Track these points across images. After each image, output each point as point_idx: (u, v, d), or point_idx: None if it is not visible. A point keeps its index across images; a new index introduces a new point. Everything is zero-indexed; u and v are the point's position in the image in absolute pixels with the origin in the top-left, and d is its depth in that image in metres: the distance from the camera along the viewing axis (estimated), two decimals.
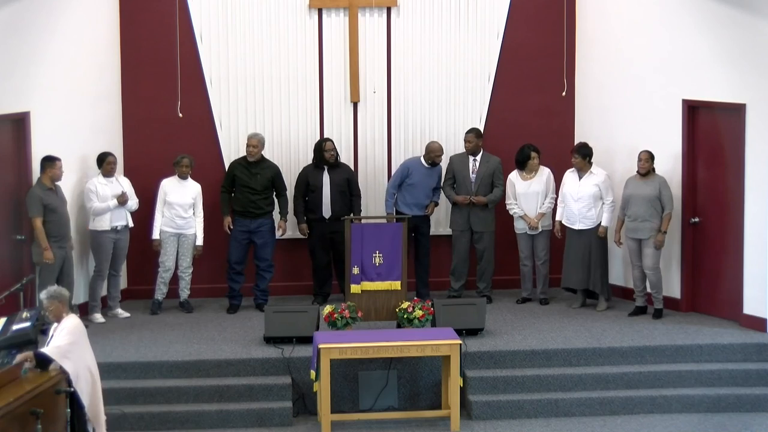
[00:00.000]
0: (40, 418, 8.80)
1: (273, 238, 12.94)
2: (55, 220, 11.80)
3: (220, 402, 10.90)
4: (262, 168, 12.82)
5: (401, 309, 11.63)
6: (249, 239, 12.83)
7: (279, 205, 12.97)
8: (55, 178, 11.85)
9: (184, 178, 12.76)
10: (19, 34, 11.66)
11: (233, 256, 12.84)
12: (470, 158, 13.02)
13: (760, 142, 11.68)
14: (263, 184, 12.77)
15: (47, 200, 11.74)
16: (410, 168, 13.05)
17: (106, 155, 12.47)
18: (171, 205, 12.65)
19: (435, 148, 13.01)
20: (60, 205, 11.90)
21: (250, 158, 12.79)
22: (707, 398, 10.99)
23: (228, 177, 12.87)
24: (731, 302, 12.16)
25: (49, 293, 9.42)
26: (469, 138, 13.00)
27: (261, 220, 12.80)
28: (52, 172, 11.80)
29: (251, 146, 12.77)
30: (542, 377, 11.11)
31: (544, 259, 13.07)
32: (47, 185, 11.80)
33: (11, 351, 9.84)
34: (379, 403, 11.13)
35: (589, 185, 12.62)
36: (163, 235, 12.68)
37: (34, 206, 11.71)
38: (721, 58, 11.96)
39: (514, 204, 13.00)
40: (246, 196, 12.75)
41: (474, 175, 12.97)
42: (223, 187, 12.89)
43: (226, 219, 12.82)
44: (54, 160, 11.82)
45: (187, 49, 13.11)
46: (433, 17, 13.47)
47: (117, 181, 12.55)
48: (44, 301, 9.42)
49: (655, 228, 12.26)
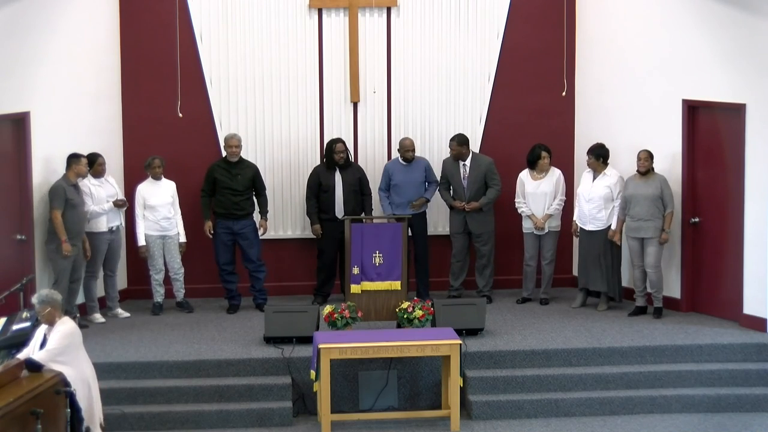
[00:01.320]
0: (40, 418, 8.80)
1: (257, 237, 12.92)
2: (73, 217, 11.85)
3: (220, 402, 10.90)
4: (242, 168, 12.81)
5: (401, 309, 11.63)
6: (234, 240, 12.83)
7: (259, 204, 12.94)
8: (81, 174, 12.00)
9: (158, 178, 12.76)
10: (19, 34, 11.66)
11: (221, 258, 12.83)
12: (460, 163, 13.01)
13: (760, 142, 11.68)
14: (244, 184, 12.76)
15: (70, 195, 11.83)
16: (390, 169, 13.09)
17: (97, 156, 12.45)
18: (153, 207, 12.65)
19: (404, 144, 13.03)
20: (80, 202, 11.96)
21: (232, 159, 12.77)
22: (707, 398, 10.99)
23: (208, 180, 12.82)
24: (731, 302, 12.16)
25: (41, 297, 9.39)
26: (452, 146, 12.98)
27: (244, 221, 12.78)
28: (78, 168, 11.93)
29: (234, 146, 12.76)
30: (542, 377, 11.10)
31: (550, 260, 13.06)
32: (72, 180, 11.90)
33: (11, 351, 9.86)
34: (379, 403, 11.13)
35: (601, 186, 12.60)
36: (148, 239, 12.68)
37: (57, 199, 11.78)
38: (721, 58, 11.96)
39: (523, 203, 12.99)
40: (228, 198, 12.73)
41: (465, 180, 12.97)
42: (203, 191, 12.85)
43: (207, 223, 12.79)
44: (80, 157, 11.96)
45: (187, 49, 13.11)
46: (433, 17, 13.47)
47: (107, 182, 12.56)
48: (36, 305, 9.39)
49: (657, 227, 12.26)
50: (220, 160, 12.91)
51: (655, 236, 12.27)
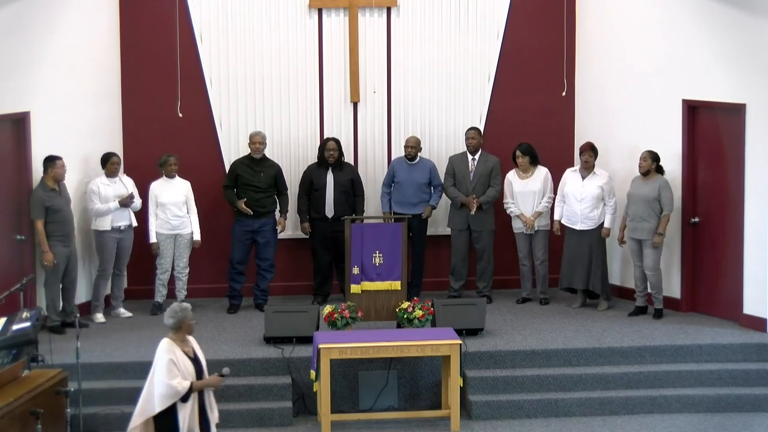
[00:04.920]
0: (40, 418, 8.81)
1: (275, 237, 12.94)
2: (58, 220, 11.82)
3: (220, 402, 10.86)
4: (265, 166, 12.82)
5: (401, 309, 11.63)
6: (252, 239, 12.83)
7: (280, 203, 12.97)
8: (58, 177, 11.87)
9: (172, 177, 12.75)
10: (19, 35, 11.66)
11: (236, 256, 12.84)
12: (470, 157, 13.02)
13: (760, 142, 11.68)
14: (267, 182, 12.77)
15: (49, 202, 11.75)
16: (395, 167, 13.09)
17: (110, 155, 12.47)
18: (164, 205, 12.64)
19: (409, 140, 13.03)
20: (63, 205, 11.91)
21: (256, 155, 12.76)
22: (707, 398, 10.99)
23: (230, 176, 12.84)
24: (731, 302, 12.16)
25: (181, 312, 8.48)
26: (473, 134, 12.99)
27: (264, 219, 12.79)
28: (53, 171, 11.82)
29: (258, 143, 12.75)
30: (542, 377, 11.11)
31: (542, 259, 13.06)
32: (50, 186, 11.81)
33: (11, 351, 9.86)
34: (379, 403, 11.13)
35: (592, 186, 12.62)
36: (159, 237, 12.67)
37: (36, 208, 11.73)
38: (721, 58, 11.96)
39: (512, 203, 13.00)
40: (250, 194, 12.73)
41: (472, 173, 12.97)
42: (225, 186, 12.86)
43: (240, 202, 12.70)
44: (54, 160, 11.83)
45: (187, 49, 13.11)
46: (433, 17, 13.47)
47: (121, 181, 12.56)
48: (176, 319, 8.49)
49: (653, 229, 12.26)
50: (244, 156, 12.89)
51: (650, 238, 12.26)
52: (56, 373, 9.60)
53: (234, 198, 12.76)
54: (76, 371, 10.29)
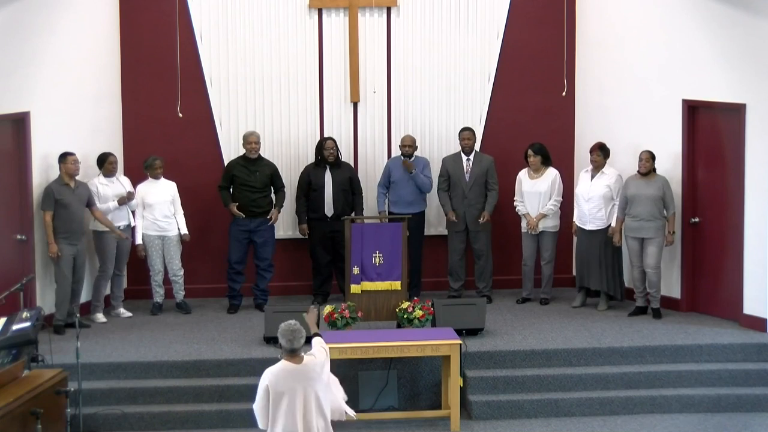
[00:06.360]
0: (40, 418, 8.81)
1: (273, 237, 12.95)
2: (64, 216, 11.86)
3: (220, 402, 10.90)
4: (261, 166, 12.82)
5: (401, 309, 11.63)
6: (249, 239, 12.84)
7: (276, 198, 12.95)
8: (70, 172, 11.96)
9: (158, 178, 12.75)
10: (19, 34, 11.67)
11: (234, 256, 12.84)
12: (464, 158, 13.01)
13: (760, 142, 11.68)
14: (263, 181, 12.77)
15: (59, 195, 11.83)
16: (390, 167, 13.08)
17: (107, 155, 12.48)
18: (151, 206, 12.63)
19: (404, 139, 13.01)
20: (73, 201, 11.94)
21: (251, 155, 12.77)
22: (707, 398, 10.99)
23: (226, 176, 12.85)
24: (731, 302, 12.16)
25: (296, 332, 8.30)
26: (468, 135, 12.98)
27: (261, 219, 12.79)
28: (66, 167, 11.95)
29: (253, 143, 12.76)
30: (542, 377, 11.11)
31: (548, 260, 13.05)
32: (64, 180, 11.92)
33: (11, 351, 9.85)
34: (379, 403, 11.13)
35: (600, 186, 12.60)
36: (146, 238, 12.67)
37: (46, 200, 11.85)
38: (721, 58, 11.96)
39: (520, 202, 12.99)
40: (246, 195, 12.74)
41: (468, 174, 12.97)
42: (221, 187, 12.86)
43: (232, 206, 12.74)
44: (66, 155, 11.95)
45: (187, 49, 13.11)
46: (433, 17, 13.47)
47: (118, 181, 12.57)
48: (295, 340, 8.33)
49: (658, 227, 12.26)
50: (239, 157, 12.90)
51: (655, 237, 12.26)
52: (56, 373, 9.60)
53: (228, 200, 12.78)
54: (76, 371, 10.30)
